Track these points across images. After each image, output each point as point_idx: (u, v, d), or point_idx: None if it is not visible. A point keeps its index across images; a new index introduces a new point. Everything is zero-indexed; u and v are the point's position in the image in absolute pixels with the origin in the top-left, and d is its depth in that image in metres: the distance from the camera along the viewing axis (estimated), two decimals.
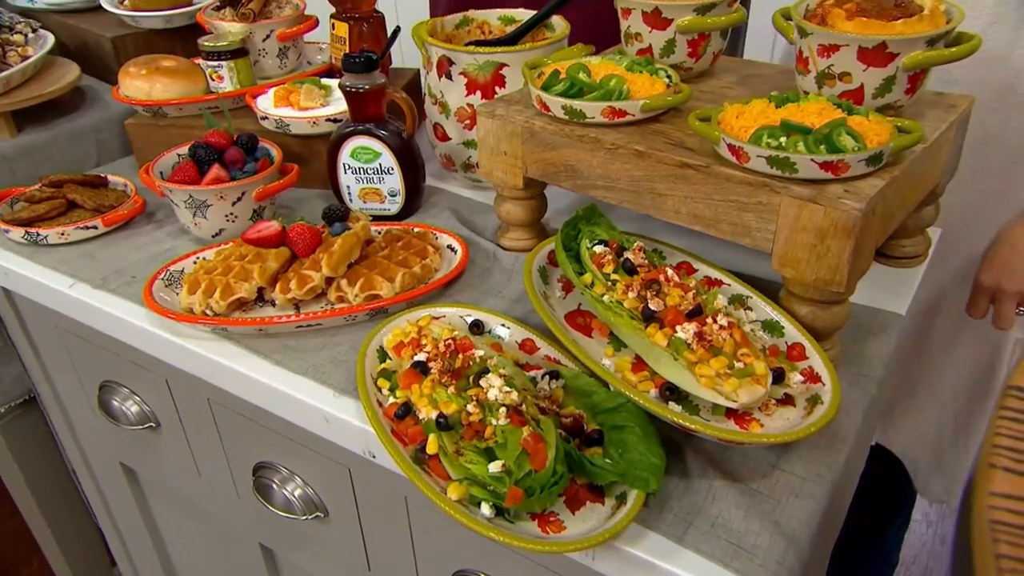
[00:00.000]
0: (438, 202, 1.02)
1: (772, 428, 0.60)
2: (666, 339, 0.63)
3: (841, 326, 0.69)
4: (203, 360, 0.79)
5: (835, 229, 0.63)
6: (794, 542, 0.56)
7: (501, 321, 0.75)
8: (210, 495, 1.02)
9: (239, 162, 0.93)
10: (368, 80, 0.91)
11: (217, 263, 0.82)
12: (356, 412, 0.69)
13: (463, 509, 0.57)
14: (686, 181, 0.71)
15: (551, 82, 0.80)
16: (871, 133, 0.65)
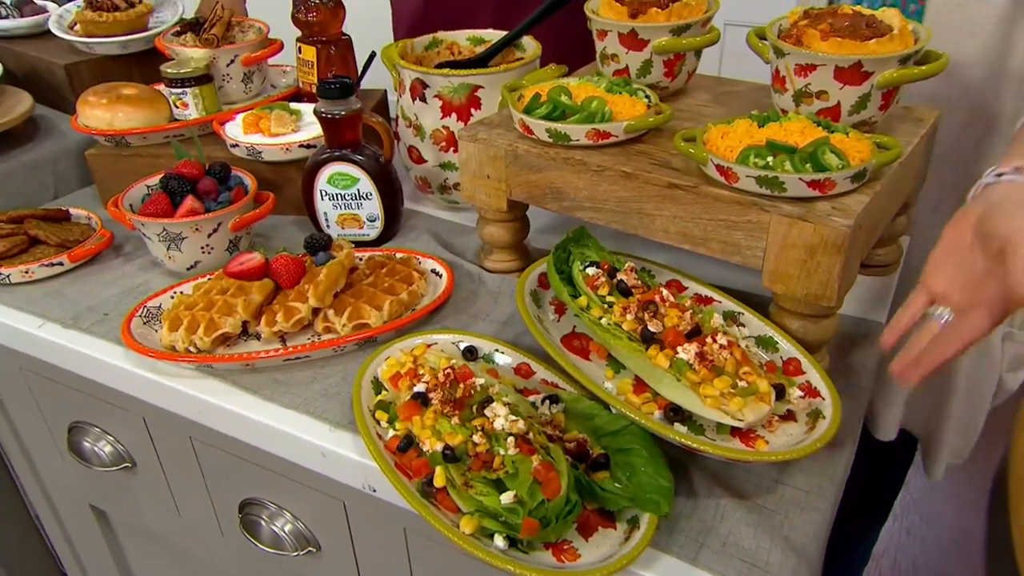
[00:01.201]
0: (416, 225, 1.01)
1: (776, 444, 0.61)
2: (668, 360, 0.63)
3: (831, 338, 0.71)
4: (187, 398, 0.76)
5: (825, 245, 0.64)
6: (804, 556, 0.57)
7: (495, 346, 0.75)
8: (191, 535, 0.99)
9: (213, 192, 0.91)
10: (344, 106, 0.90)
11: (198, 298, 0.80)
12: (355, 446, 0.68)
13: (477, 542, 0.57)
14: (674, 201, 0.71)
15: (533, 105, 0.81)
16: (852, 150, 0.67)
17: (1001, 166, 0.63)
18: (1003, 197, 0.60)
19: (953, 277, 0.62)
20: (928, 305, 0.63)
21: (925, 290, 0.63)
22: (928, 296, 0.63)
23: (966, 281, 0.61)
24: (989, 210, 0.60)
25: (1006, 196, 0.60)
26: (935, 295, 0.63)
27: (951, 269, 0.62)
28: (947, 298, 0.62)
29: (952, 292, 0.61)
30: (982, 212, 0.61)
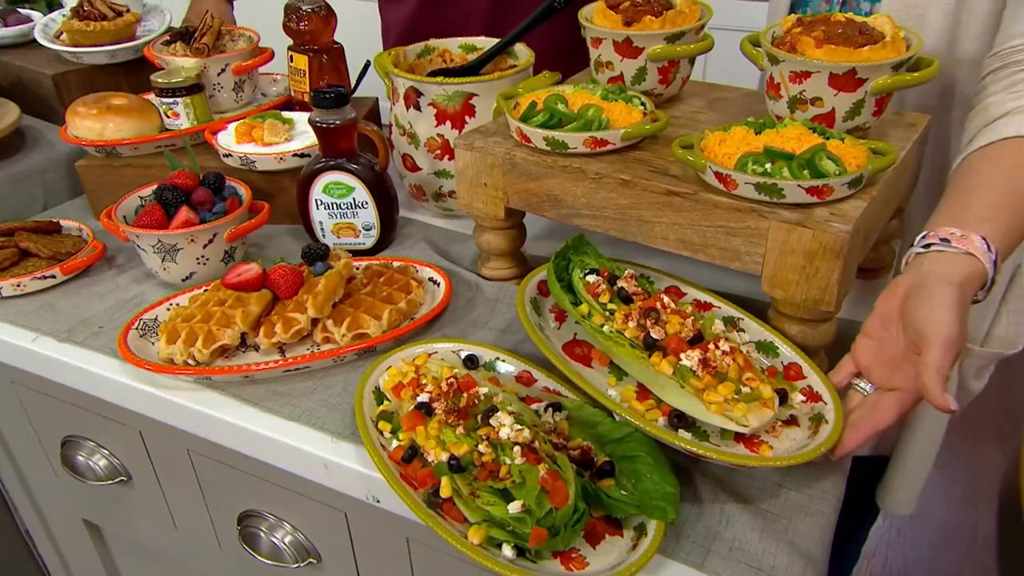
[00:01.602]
0: (412, 233, 1.01)
1: (780, 450, 0.62)
2: (671, 367, 0.64)
3: (830, 342, 0.72)
4: (186, 411, 0.76)
5: (824, 251, 0.65)
6: (811, 560, 0.58)
7: (495, 354, 0.75)
8: (187, 548, 0.98)
9: (208, 203, 0.90)
10: (339, 115, 0.90)
11: (195, 310, 0.80)
12: (358, 457, 0.68)
13: (485, 552, 0.56)
14: (673, 208, 0.72)
15: (529, 113, 0.81)
16: (849, 156, 0.68)
17: (929, 235, 0.64)
18: (930, 271, 0.61)
19: (876, 354, 0.64)
20: (854, 374, 0.66)
21: (852, 359, 0.66)
22: (855, 365, 0.65)
23: (886, 361, 0.63)
24: (913, 290, 0.61)
25: (931, 272, 0.61)
26: (860, 366, 0.65)
27: (875, 345, 0.64)
28: (869, 373, 0.64)
29: (873, 369, 0.64)
30: (907, 288, 0.62)
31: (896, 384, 0.60)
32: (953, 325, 0.56)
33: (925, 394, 0.56)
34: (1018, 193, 0.65)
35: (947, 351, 0.56)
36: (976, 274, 0.60)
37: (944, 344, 0.56)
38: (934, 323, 0.57)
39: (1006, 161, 0.67)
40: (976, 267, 0.60)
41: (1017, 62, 0.73)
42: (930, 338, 0.56)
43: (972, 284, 0.60)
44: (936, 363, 0.55)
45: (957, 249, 0.61)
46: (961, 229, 0.62)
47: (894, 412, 0.59)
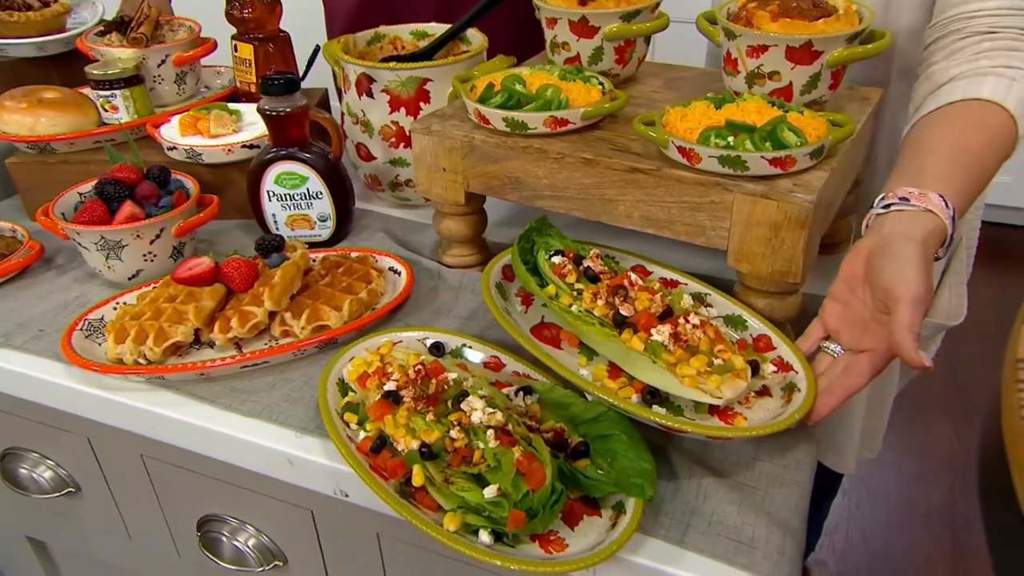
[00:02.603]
0: (369, 224, 0.98)
1: (755, 420, 0.61)
2: (643, 343, 0.63)
3: (796, 315, 0.72)
4: (138, 413, 0.72)
5: (789, 222, 0.65)
6: (789, 530, 0.57)
7: (462, 341, 0.73)
8: (144, 558, 0.94)
9: (153, 197, 0.86)
10: (289, 102, 0.87)
11: (144, 307, 0.76)
12: (324, 451, 0.65)
13: (462, 539, 0.55)
14: (637, 185, 0.71)
15: (487, 95, 0.79)
16: (809, 128, 0.68)
17: (887, 196, 0.65)
18: (891, 231, 0.62)
19: (844, 315, 0.64)
20: (823, 338, 0.66)
21: (821, 323, 0.66)
22: (823, 329, 0.65)
23: (855, 322, 0.63)
24: (877, 249, 0.61)
25: (894, 231, 0.62)
26: (829, 330, 0.65)
27: (843, 307, 0.64)
28: (838, 336, 0.64)
29: (842, 331, 0.64)
30: (871, 250, 0.62)
31: (867, 345, 0.61)
32: (920, 282, 0.57)
33: (898, 352, 0.56)
34: (969, 152, 0.66)
35: (916, 308, 0.56)
36: (937, 231, 0.61)
37: (913, 301, 0.56)
38: (901, 281, 0.57)
39: (955, 123, 0.68)
40: (936, 224, 0.61)
41: (957, 31, 0.75)
42: (899, 296, 0.56)
43: (933, 241, 0.61)
44: (907, 320, 0.55)
45: (917, 207, 0.61)
46: (919, 188, 0.62)
47: (867, 373, 0.60)
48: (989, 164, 0.66)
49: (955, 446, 1.96)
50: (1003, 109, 0.67)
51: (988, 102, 0.67)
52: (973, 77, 0.69)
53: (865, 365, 0.60)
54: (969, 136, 0.67)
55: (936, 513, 1.78)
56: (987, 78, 0.68)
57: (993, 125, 0.67)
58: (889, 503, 1.81)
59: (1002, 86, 0.68)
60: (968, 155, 0.65)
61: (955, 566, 1.66)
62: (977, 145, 0.66)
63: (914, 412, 2.03)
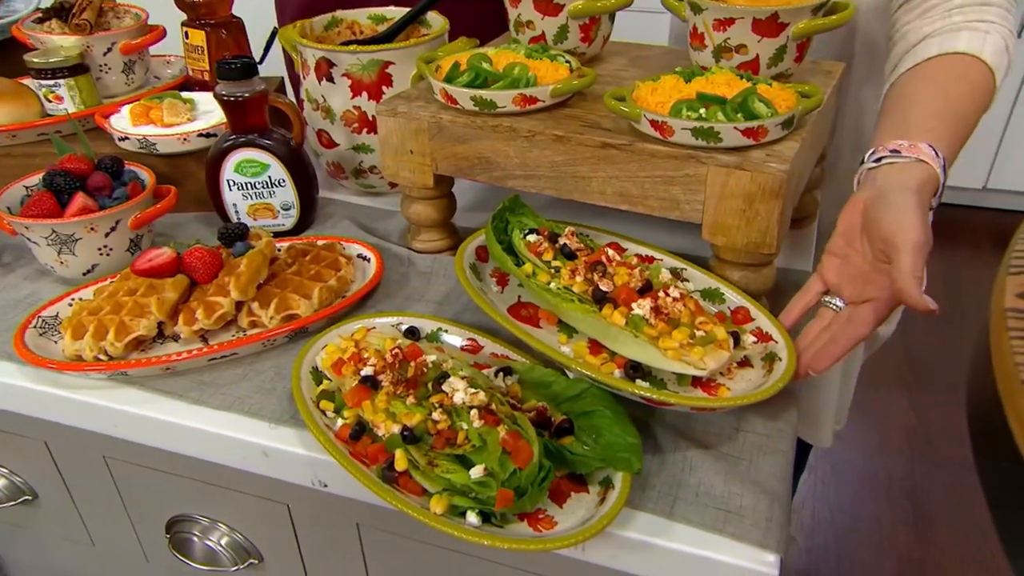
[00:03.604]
0: (333, 212, 0.96)
1: (737, 391, 0.61)
2: (624, 318, 0.62)
3: (771, 286, 0.72)
4: (100, 411, 0.69)
5: (763, 192, 0.65)
6: (776, 497, 0.58)
7: (438, 324, 0.72)
8: (108, 566, 0.90)
9: (106, 188, 0.83)
10: (247, 87, 0.84)
11: (103, 302, 0.73)
12: (300, 441, 0.63)
13: (450, 521, 0.54)
14: (609, 161, 0.71)
15: (453, 74, 0.78)
16: (779, 99, 0.68)
17: (878, 149, 0.65)
18: (885, 183, 0.62)
19: (843, 269, 0.64)
20: (823, 293, 0.66)
21: (820, 278, 0.66)
22: (822, 284, 0.66)
23: (855, 275, 0.63)
24: (873, 201, 0.62)
25: (888, 182, 0.62)
26: (828, 285, 0.65)
27: (842, 261, 0.64)
28: (839, 290, 0.65)
29: (843, 284, 0.64)
30: (867, 202, 0.63)
31: (869, 295, 0.61)
32: (919, 229, 0.57)
33: (903, 298, 0.57)
34: (952, 103, 0.67)
35: (918, 254, 0.57)
36: (930, 179, 0.62)
37: (914, 248, 0.57)
38: (901, 230, 0.57)
39: (934, 76, 0.70)
40: (929, 172, 0.62)
41: None
42: (899, 244, 0.57)
43: (928, 189, 0.61)
44: (909, 267, 0.56)
45: (908, 158, 0.62)
46: (908, 140, 0.63)
47: (871, 322, 0.60)
48: (971, 115, 0.68)
49: (912, 419, 2.01)
50: (980, 61, 0.69)
51: (965, 55, 0.69)
52: (948, 33, 0.71)
53: (869, 314, 0.61)
54: (950, 88, 0.68)
55: (897, 484, 1.83)
56: (962, 32, 0.70)
57: (972, 77, 0.69)
58: (853, 477, 1.85)
59: (977, 39, 0.69)
60: (951, 106, 0.67)
61: (918, 534, 1.70)
62: (958, 96, 0.68)
63: (872, 387, 2.07)
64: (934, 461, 1.89)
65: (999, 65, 0.70)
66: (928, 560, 1.64)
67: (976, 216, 2.84)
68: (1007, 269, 0.41)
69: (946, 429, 1.97)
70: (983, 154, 2.70)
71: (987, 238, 2.73)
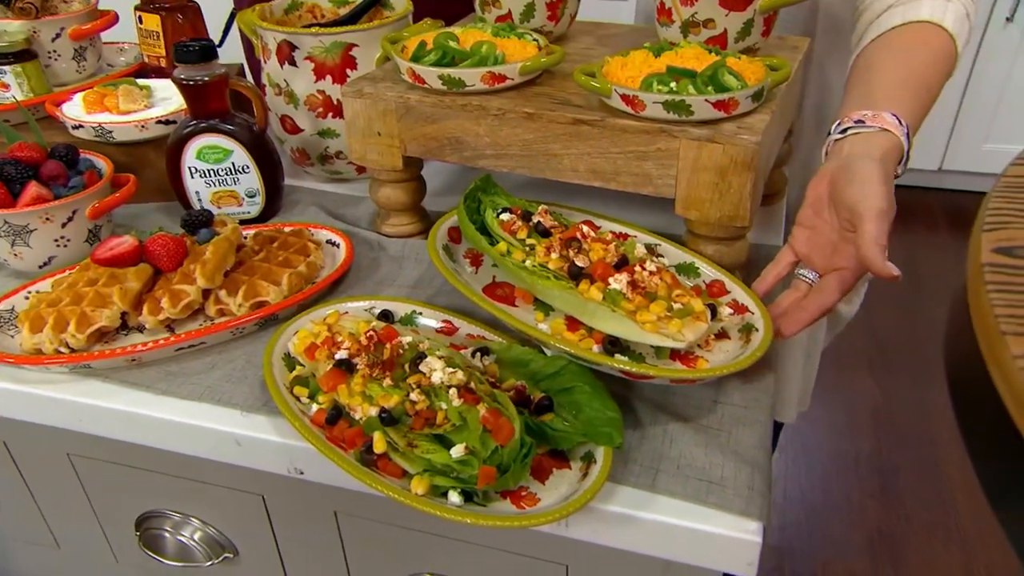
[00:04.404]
0: (300, 199, 0.94)
1: (716, 362, 0.61)
2: (601, 293, 0.62)
3: (745, 260, 0.73)
4: (63, 406, 0.66)
5: (735, 165, 0.65)
6: (756, 466, 0.58)
7: (412, 307, 0.71)
8: (75, 568, 0.88)
9: (61, 177, 0.80)
10: (207, 70, 0.82)
11: (61, 293, 0.70)
12: (275, 428, 0.62)
13: (432, 501, 0.53)
14: (581, 138, 0.70)
15: (419, 53, 0.77)
16: (748, 72, 0.68)
17: (843, 121, 0.66)
18: (850, 154, 0.63)
19: (813, 240, 0.65)
20: (793, 263, 0.67)
21: (790, 249, 0.67)
22: (793, 255, 0.67)
23: (824, 245, 0.64)
24: (838, 173, 0.63)
25: (853, 153, 0.63)
26: (799, 255, 0.66)
27: (811, 232, 0.65)
28: (810, 261, 0.66)
29: (813, 255, 0.65)
30: (833, 173, 0.64)
31: (838, 265, 0.62)
32: (882, 197, 0.58)
33: (868, 266, 0.58)
34: (915, 72, 0.69)
35: (881, 222, 0.58)
36: (894, 148, 0.63)
37: (878, 216, 0.57)
38: (864, 198, 0.58)
39: (898, 46, 0.71)
40: (893, 141, 0.63)
41: None
42: (863, 213, 0.58)
43: (892, 158, 0.63)
44: (873, 235, 0.57)
45: (872, 128, 0.63)
46: (872, 110, 0.64)
47: (836, 290, 0.61)
48: (934, 82, 0.69)
49: (878, 397, 2.05)
50: (942, 29, 0.70)
51: (927, 23, 0.70)
52: (911, 2, 0.72)
53: (834, 283, 0.62)
54: (913, 57, 0.69)
55: (865, 462, 1.86)
56: (924, 1, 0.71)
57: (934, 45, 0.70)
58: (822, 456, 1.88)
59: (939, 7, 0.71)
60: (914, 75, 0.68)
61: (886, 509, 1.73)
62: (921, 65, 0.69)
63: (838, 368, 2.11)
64: (900, 437, 1.93)
65: (960, 32, 0.72)
66: (896, 532, 1.68)
67: (932, 197, 2.90)
68: (981, 227, 0.41)
69: (910, 406, 2.01)
70: (938, 136, 2.76)
71: (944, 218, 2.79)
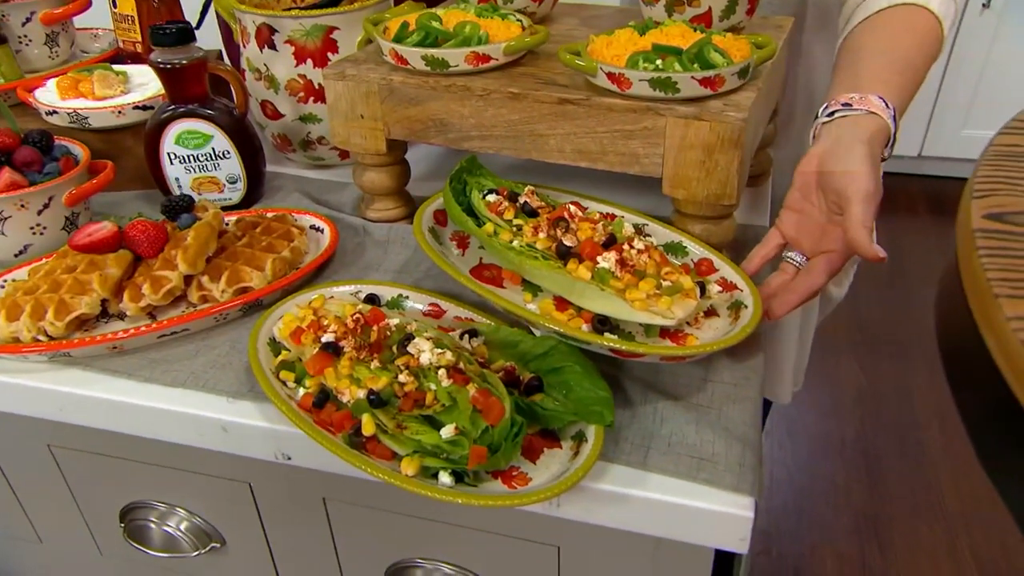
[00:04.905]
0: (282, 185, 0.93)
1: (705, 339, 0.61)
2: (589, 272, 0.61)
3: (732, 239, 0.72)
4: (43, 395, 0.65)
5: (722, 142, 0.65)
6: (747, 442, 0.58)
7: (398, 291, 0.70)
8: (58, 562, 0.86)
9: (35, 163, 0.78)
10: (185, 53, 0.80)
11: (39, 280, 0.69)
12: (261, 413, 0.61)
13: (423, 482, 0.52)
14: (567, 117, 0.70)
15: (402, 34, 0.76)
16: (733, 49, 0.68)
17: (831, 104, 0.66)
18: (838, 137, 0.63)
19: (801, 223, 0.65)
20: (781, 245, 0.67)
21: (778, 231, 0.67)
22: (781, 237, 0.67)
23: (813, 228, 0.64)
24: (825, 156, 0.63)
25: (840, 136, 0.63)
26: (787, 238, 0.67)
27: (799, 216, 0.65)
28: (798, 244, 0.66)
29: (801, 239, 0.65)
30: (820, 156, 0.64)
31: (826, 247, 0.62)
32: (869, 179, 0.58)
33: (854, 248, 0.57)
34: (901, 55, 0.69)
35: (868, 204, 0.58)
36: (880, 130, 0.63)
37: (864, 198, 0.58)
38: (851, 181, 0.58)
39: (885, 29, 0.71)
40: (879, 124, 0.63)
41: None
42: (850, 195, 0.58)
43: (879, 140, 0.63)
44: (860, 217, 0.57)
45: (859, 110, 0.63)
46: (859, 93, 0.64)
47: (824, 272, 0.61)
48: (920, 65, 0.69)
49: (862, 380, 2.07)
50: (928, 11, 0.70)
51: (913, 5, 0.70)
52: None
53: (822, 265, 0.62)
54: (899, 40, 0.70)
55: (850, 445, 1.88)
56: None
57: (920, 27, 0.70)
58: (808, 439, 1.89)
59: None
60: (900, 58, 0.68)
61: (871, 491, 1.75)
62: (907, 47, 0.69)
63: (823, 352, 2.12)
64: (884, 420, 1.94)
65: (946, 14, 0.72)
66: (882, 513, 1.69)
67: (912, 183, 2.92)
68: (971, 194, 0.41)
69: (894, 389, 2.03)
70: (917, 122, 2.78)
71: (924, 204, 2.82)
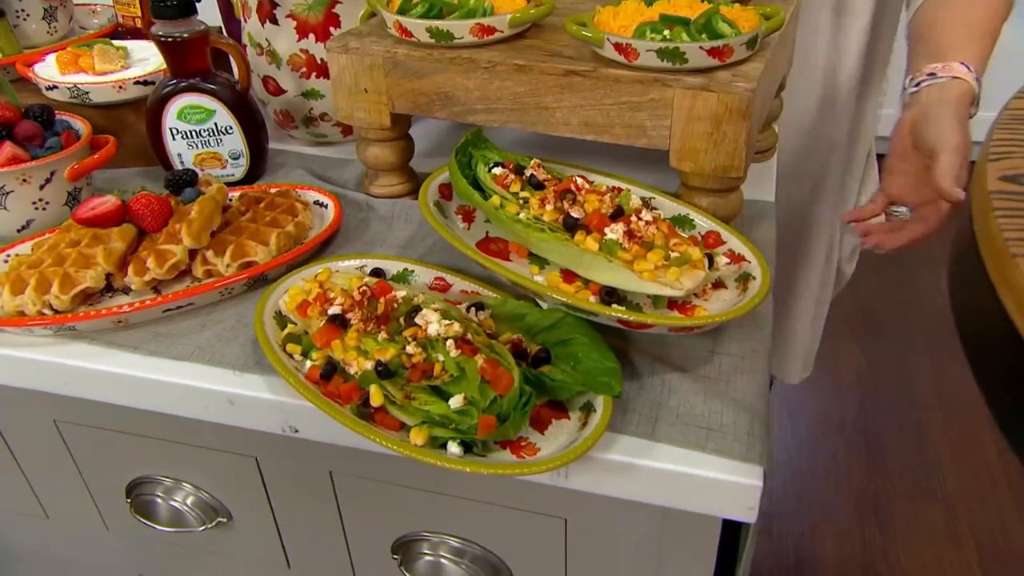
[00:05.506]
0: (285, 162, 0.92)
1: (713, 311, 0.61)
2: (597, 243, 0.61)
3: (739, 212, 0.72)
4: (49, 368, 0.65)
5: (730, 113, 0.64)
6: (755, 413, 0.58)
7: (402, 265, 0.70)
8: (65, 538, 0.87)
9: (37, 138, 0.78)
10: (186, 26, 0.79)
11: (43, 255, 0.68)
12: (268, 386, 0.61)
13: (432, 452, 0.52)
14: (573, 89, 0.69)
15: (406, 6, 0.75)
16: (741, 20, 0.67)
17: (916, 75, 0.74)
18: (928, 102, 0.71)
19: (903, 182, 0.74)
20: (887, 206, 0.76)
21: (883, 194, 0.76)
22: (887, 199, 0.76)
23: (915, 183, 0.73)
24: (918, 118, 0.71)
25: (930, 100, 0.71)
26: (892, 197, 0.75)
27: (901, 176, 0.74)
28: (903, 199, 0.75)
29: (906, 194, 0.75)
30: (914, 120, 0.72)
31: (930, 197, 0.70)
32: (957, 134, 0.66)
33: (940, 193, 0.65)
34: (974, 23, 0.76)
35: (955, 155, 0.65)
36: (966, 92, 0.70)
37: (953, 150, 0.65)
38: (942, 138, 0.66)
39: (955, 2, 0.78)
40: (964, 87, 0.70)
41: None
42: (940, 149, 0.66)
43: (965, 100, 0.70)
44: (947, 166, 0.64)
45: (944, 77, 0.71)
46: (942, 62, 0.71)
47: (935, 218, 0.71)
48: (994, 27, 0.76)
49: (863, 362, 2.07)
50: None
51: None
52: None
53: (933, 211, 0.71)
54: (968, 8, 0.77)
55: (850, 425, 1.88)
56: None
57: None
58: (808, 420, 1.90)
59: None
60: (974, 25, 0.75)
61: (871, 471, 1.76)
62: (980, 16, 0.76)
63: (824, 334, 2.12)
64: (884, 401, 1.95)
65: None
66: (881, 493, 1.70)
67: None
68: (986, 157, 0.41)
69: (895, 370, 2.04)
70: None
71: None
